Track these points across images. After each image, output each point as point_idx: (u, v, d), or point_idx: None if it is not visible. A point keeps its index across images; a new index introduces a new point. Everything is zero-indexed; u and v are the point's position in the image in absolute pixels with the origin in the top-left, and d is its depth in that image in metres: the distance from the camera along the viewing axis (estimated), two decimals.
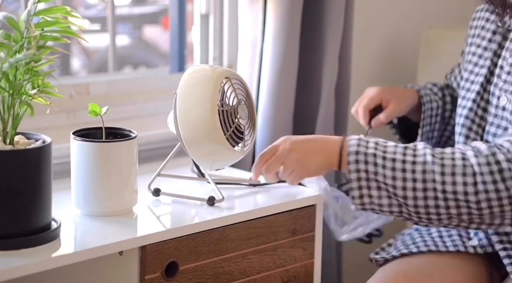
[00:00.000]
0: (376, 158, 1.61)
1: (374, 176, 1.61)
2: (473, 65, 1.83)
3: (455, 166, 1.59)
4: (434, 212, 1.61)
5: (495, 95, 1.75)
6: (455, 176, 1.59)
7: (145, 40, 4.80)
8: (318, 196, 1.71)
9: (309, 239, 1.71)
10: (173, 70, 2.21)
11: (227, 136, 1.57)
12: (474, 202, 1.59)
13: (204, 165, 1.65)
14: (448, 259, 1.78)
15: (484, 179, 1.58)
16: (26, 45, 1.37)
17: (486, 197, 1.58)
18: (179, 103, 1.58)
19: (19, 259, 1.33)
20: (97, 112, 1.54)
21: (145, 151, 1.92)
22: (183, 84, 1.59)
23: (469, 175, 1.59)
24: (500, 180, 1.57)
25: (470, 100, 1.80)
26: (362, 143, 1.63)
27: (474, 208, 1.59)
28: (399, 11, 2.41)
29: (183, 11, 2.19)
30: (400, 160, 1.61)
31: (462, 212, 1.60)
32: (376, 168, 1.61)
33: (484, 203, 1.58)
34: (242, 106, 1.61)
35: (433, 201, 1.60)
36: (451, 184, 1.59)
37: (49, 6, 1.41)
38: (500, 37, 1.80)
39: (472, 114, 1.79)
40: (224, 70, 1.61)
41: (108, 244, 1.42)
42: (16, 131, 1.40)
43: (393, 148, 1.63)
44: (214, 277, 1.57)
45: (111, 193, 1.53)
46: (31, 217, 1.36)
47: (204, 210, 1.61)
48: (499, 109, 1.74)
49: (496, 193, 1.58)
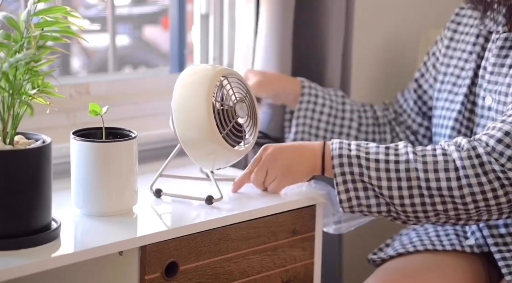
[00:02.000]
0: (359, 160, 1.63)
1: (359, 177, 1.63)
2: (460, 69, 1.87)
3: (437, 162, 1.61)
4: (421, 210, 1.63)
5: (480, 96, 1.79)
6: (438, 172, 1.61)
7: (145, 40, 4.80)
8: (318, 196, 1.71)
9: (309, 239, 1.71)
10: (173, 70, 2.21)
11: (224, 135, 1.57)
12: (459, 197, 1.60)
13: (205, 165, 1.65)
14: (445, 257, 1.79)
15: (466, 173, 1.60)
16: (26, 45, 1.37)
17: (470, 191, 1.60)
18: (175, 103, 1.58)
19: (19, 259, 1.33)
20: (97, 112, 1.54)
21: (145, 151, 1.92)
22: (180, 84, 1.59)
23: (452, 170, 1.61)
24: (482, 173, 1.60)
25: (459, 103, 1.83)
26: (344, 146, 1.65)
27: (460, 203, 1.61)
28: (399, 11, 2.41)
29: (183, 11, 2.19)
30: (383, 160, 1.62)
31: (448, 208, 1.62)
32: (361, 169, 1.63)
33: (469, 197, 1.60)
34: (241, 105, 1.61)
35: (418, 198, 1.61)
36: (434, 180, 1.61)
37: (49, 6, 1.40)
38: (483, 39, 1.82)
39: (460, 116, 1.82)
40: (221, 69, 1.61)
41: (108, 244, 1.42)
42: (16, 131, 1.40)
43: (375, 149, 1.65)
44: (214, 277, 1.57)
45: (111, 193, 1.53)
46: (31, 217, 1.36)
47: (204, 210, 1.61)
48: (485, 110, 1.77)
49: (479, 186, 1.60)
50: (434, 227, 1.87)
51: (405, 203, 1.62)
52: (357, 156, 1.63)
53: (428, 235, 1.85)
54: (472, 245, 1.80)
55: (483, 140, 1.62)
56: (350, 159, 1.63)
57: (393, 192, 1.62)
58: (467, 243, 1.81)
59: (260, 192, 1.72)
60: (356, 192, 1.63)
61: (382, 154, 1.64)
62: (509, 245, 1.75)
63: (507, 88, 1.72)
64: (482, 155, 1.60)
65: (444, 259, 1.79)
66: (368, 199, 1.64)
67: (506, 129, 1.61)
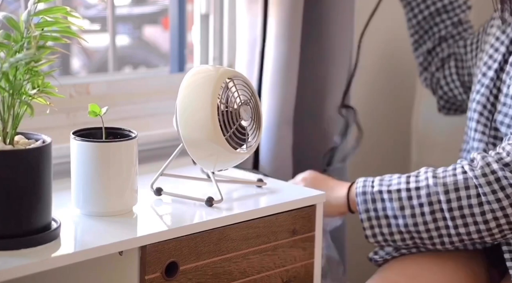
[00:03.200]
0: (382, 194, 1.70)
1: (383, 212, 1.69)
2: (494, 50, 1.83)
3: (457, 181, 1.63)
4: (446, 234, 1.66)
5: (506, 83, 1.76)
6: (459, 191, 1.63)
7: (145, 40, 4.80)
8: (318, 196, 1.72)
9: (309, 239, 1.71)
10: (173, 70, 2.21)
11: (227, 137, 1.57)
12: (480, 214, 1.61)
13: (206, 165, 1.65)
14: (447, 258, 1.79)
15: (484, 190, 1.60)
16: (26, 45, 1.37)
17: (489, 208, 1.61)
18: (180, 102, 1.58)
19: (19, 259, 1.33)
20: (97, 113, 1.54)
21: (146, 151, 1.92)
22: (185, 84, 1.59)
23: (472, 188, 1.62)
24: (498, 188, 1.60)
25: (484, 86, 1.81)
26: (368, 184, 1.73)
27: (481, 222, 1.62)
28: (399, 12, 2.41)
29: (183, 11, 2.19)
30: (404, 189, 1.68)
31: (471, 230, 1.64)
32: (383, 204, 1.69)
33: (489, 214, 1.61)
34: (245, 107, 1.60)
35: (442, 221, 1.65)
36: (456, 200, 1.63)
37: (49, 6, 1.40)
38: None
39: (484, 99, 1.80)
40: (227, 71, 1.61)
41: (108, 244, 1.42)
42: (16, 131, 1.40)
43: (397, 180, 1.70)
44: (214, 277, 1.57)
45: (111, 193, 1.53)
46: (31, 217, 1.36)
47: (204, 210, 1.60)
48: (508, 98, 1.74)
49: (497, 203, 1.60)
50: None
51: (430, 228, 1.67)
52: (380, 191, 1.70)
53: None
54: None
55: (507, 149, 1.63)
56: (373, 196, 1.71)
57: (417, 218, 1.67)
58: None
59: (259, 191, 1.72)
60: (380, 228, 1.72)
61: (404, 183, 1.69)
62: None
63: None
64: (497, 171, 1.61)
65: (446, 260, 1.79)
66: (392, 235, 1.71)
67: None
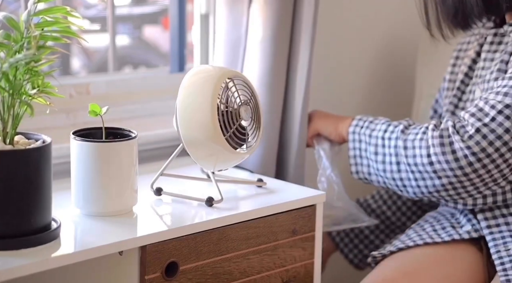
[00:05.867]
0: (365, 137, 1.84)
1: (364, 153, 1.85)
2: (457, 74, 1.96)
3: (415, 139, 1.75)
4: (408, 184, 1.77)
5: (471, 91, 1.87)
6: (415, 149, 1.74)
7: (145, 40, 4.80)
8: (318, 196, 1.72)
9: (309, 239, 1.71)
10: (173, 70, 2.21)
11: (227, 137, 1.57)
12: (432, 172, 1.71)
13: (206, 165, 1.65)
14: (444, 250, 1.81)
15: (435, 151, 1.71)
16: (26, 45, 1.37)
17: (440, 167, 1.70)
18: (180, 102, 1.58)
19: (19, 259, 1.33)
20: (97, 112, 1.54)
21: (145, 151, 1.92)
22: (185, 84, 1.59)
23: (424, 148, 1.73)
24: (450, 151, 1.69)
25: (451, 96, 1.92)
26: (360, 123, 1.87)
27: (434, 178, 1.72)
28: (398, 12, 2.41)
29: (183, 11, 2.19)
30: (380, 137, 1.81)
31: (428, 184, 1.74)
32: (365, 146, 1.84)
33: (441, 172, 1.70)
34: (245, 107, 1.60)
35: (404, 173, 1.77)
36: (412, 157, 1.74)
37: (49, 6, 1.41)
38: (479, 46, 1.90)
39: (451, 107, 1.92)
40: (227, 71, 1.61)
41: (108, 244, 1.42)
42: (16, 131, 1.40)
43: (380, 125, 1.84)
44: (214, 277, 1.57)
45: (111, 193, 1.53)
46: (31, 217, 1.37)
47: (204, 210, 1.61)
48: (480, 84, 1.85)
49: (447, 164, 1.70)
50: (430, 223, 1.88)
51: (395, 177, 1.78)
52: (364, 133, 1.84)
53: (425, 230, 1.86)
54: (469, 230, 1.82)
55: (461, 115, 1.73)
56: (359, 136, 1.85)
57: (386, 166, 1.80)
58: (464, 229, 1.83)
59: (259, 191, 1.73)
60: (362, 167, 1.85)
61: (382, 131, 1.81)
62: (500, 226, 1.77)
63: (490, 75, 1.78)
64: (452, 135, 1.70)
65: (443, 253, 1.80)
66: (370, 176, 1.85)
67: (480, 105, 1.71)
